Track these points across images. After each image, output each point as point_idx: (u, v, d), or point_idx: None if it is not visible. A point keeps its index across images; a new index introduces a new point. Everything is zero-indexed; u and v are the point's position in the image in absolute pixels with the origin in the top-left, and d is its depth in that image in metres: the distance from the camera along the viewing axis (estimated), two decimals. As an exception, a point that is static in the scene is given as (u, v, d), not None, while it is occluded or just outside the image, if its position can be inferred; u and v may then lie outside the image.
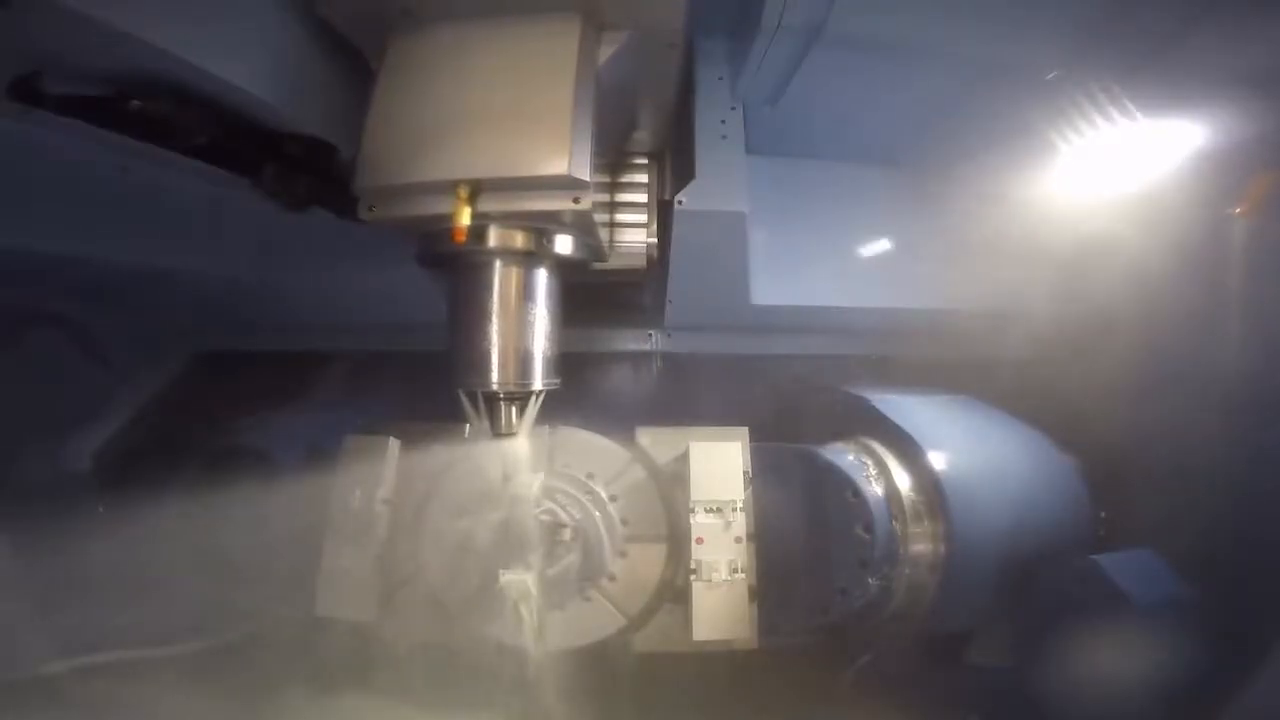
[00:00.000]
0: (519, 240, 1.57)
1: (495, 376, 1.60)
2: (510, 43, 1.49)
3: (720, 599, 1.84)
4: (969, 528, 1.77)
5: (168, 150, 1.55)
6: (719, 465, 1.98)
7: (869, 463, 1.94)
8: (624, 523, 2.01)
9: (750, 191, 2.09)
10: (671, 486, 2.03)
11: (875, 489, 1.88)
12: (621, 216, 2.16)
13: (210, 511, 2.17)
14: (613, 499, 2.03)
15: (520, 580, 1.72)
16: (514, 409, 1.68)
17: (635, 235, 2.15)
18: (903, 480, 1.88)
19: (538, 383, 1.65)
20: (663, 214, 2.13)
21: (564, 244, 1.64)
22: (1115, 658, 1.61)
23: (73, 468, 2.40)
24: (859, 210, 2.49)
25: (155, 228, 2.05)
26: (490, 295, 1.60)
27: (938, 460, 1.84)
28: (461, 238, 1.41)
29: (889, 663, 1.96)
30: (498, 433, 1.69)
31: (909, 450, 1.90)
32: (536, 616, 1.74)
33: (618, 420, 2.19)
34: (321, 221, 1.85)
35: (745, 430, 2.07)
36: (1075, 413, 2.10)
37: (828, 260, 2.42)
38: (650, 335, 2.57)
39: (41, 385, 2.35)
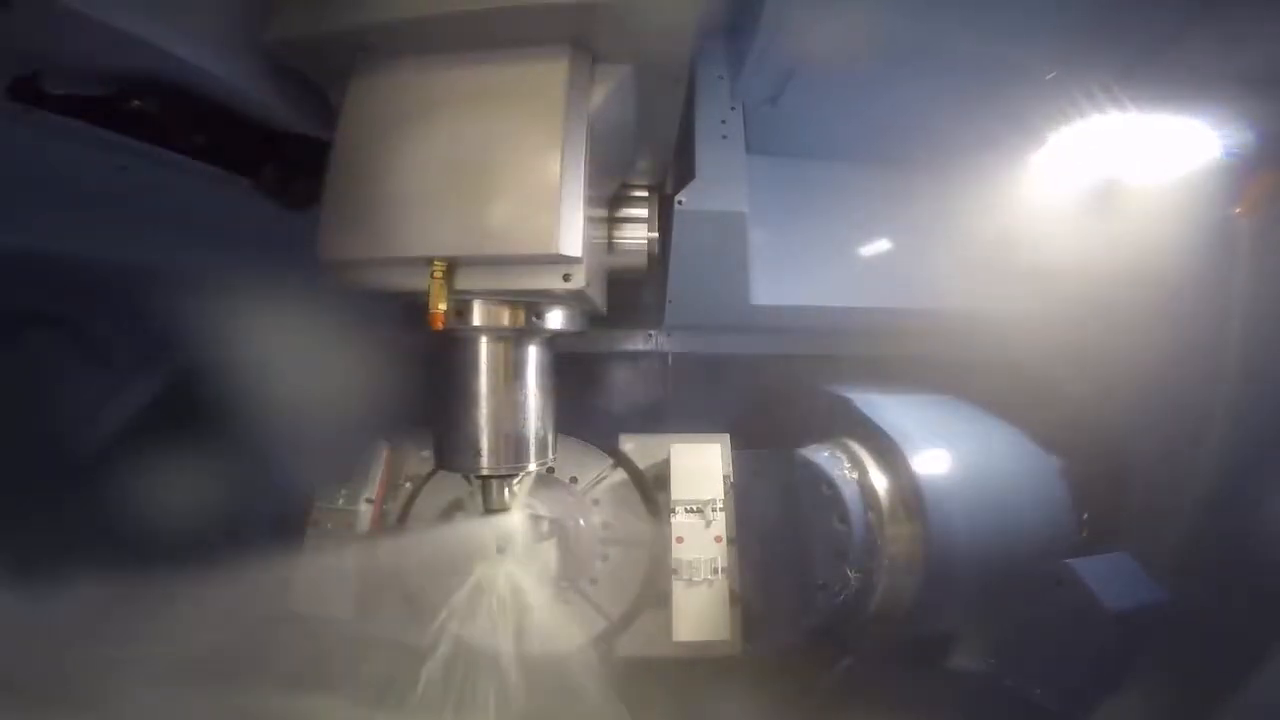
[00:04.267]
0: (505, 318, 1.43)
1: (485, 461, 1.51)
2: (487, 84, 1.28)
3: (701, 599, 1.84)
4: (948, 529, 1.76)
5: (168, 150, 1.55)
6: (699, 466, 2.00)
7: (844, 457, 1.95)
8: (605, 526, 2.02)
9: (750, 191, 2.09)
10: (654, 491, 2.06)
11: (850, 479, 1.89)
12: (621, 212, 2.16)
13: (210, 510, 2.17)
14: (595, 503, 2.05)
15: (499, 571, 1.72)
16: (506, 487, 1.63)
17: (636, 232, 2.15)
18: (880, 480, 1.88)
19: (530, 465, 1.57)
20: (663, 210, 2.14)
21: (556, 319, 1.51)
22: (1089, 661, 1.62)
23: (72, 468, 2.40)
24: (859, 210, 2.48)
25: (155, 228, 2.05)
26: (477, 376, 1.48)
27: (916, 461, 1.83)
28: (439, 324, 1.26)
29: (871, 667, 1.95)
30: (489, 509, 1.63)
31: (888, 451, 1.90)
32: (513, 608, 1.73)
33: (615, 420, 2.19)
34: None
35: (726, 436, 2.10)
36: (1068, 413, 2.10)
37: (828, 260, 2.42)
38: (650, 335, 2.56)
39: (41, 385, 2.35)
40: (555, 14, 1.21)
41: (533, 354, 1.54)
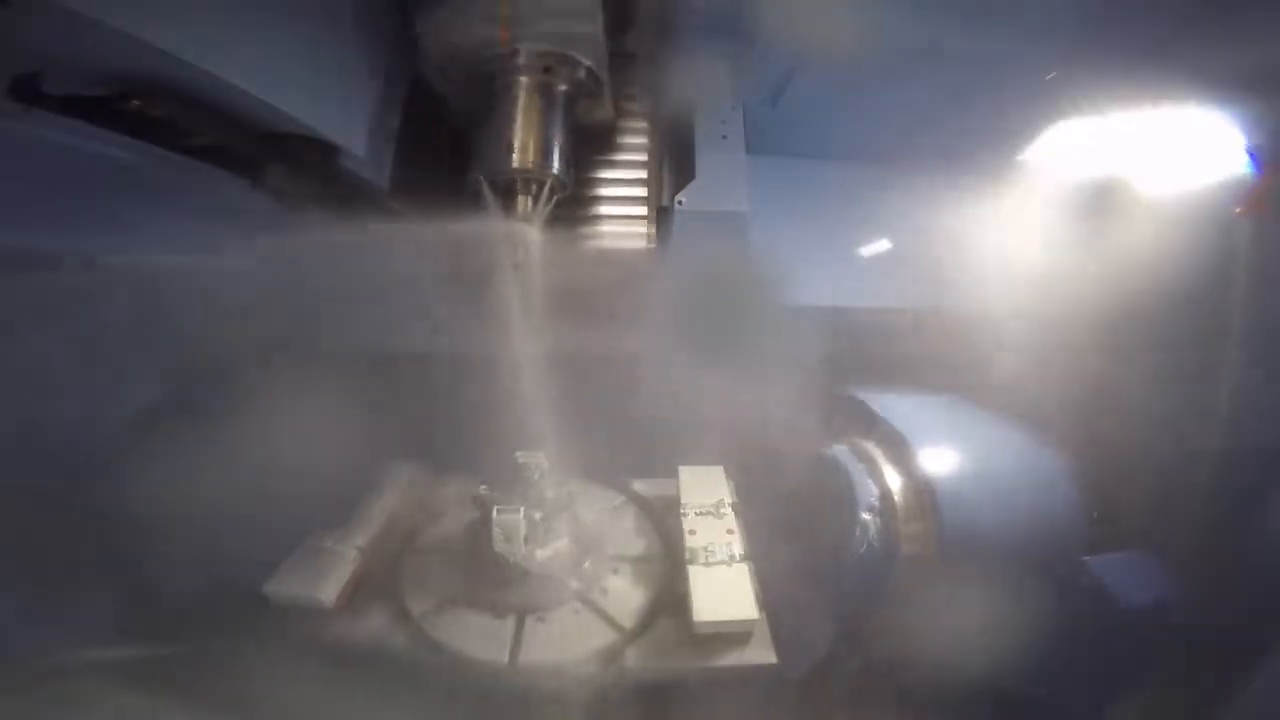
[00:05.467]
0: (541, 58, 1.80)
1: (515, 159, 1.77)
2: None
3: (721, 579, 1.74)
4: (961, 528, 1.76)
5: (168, 150, 1.55)
6: (706, 482, 2.07)
7: (856, 457, 1.97)
8: (618, 543, 2.02)
9: (750, 191, 2.09)
10: (664, 517, 2.07)
11: (864, 477, 1.90)
12: (620, 226, 2.19)
13: (213, 511, 2.16)
14: (610, 524, 2.07)
15: (513, 517, 1.72)
16: (529, 200, 1.82)
17: (635, 243, 2.17)
18: (893, 480, 1.88)
19: (554, 168, 1.81)
20: (661, 220, 2.15)
21: (576, 67, 1.86)
22: (1104, 658, 1.61)
23: (72, 472, 2.39)
24: (859, 210, 2.48)
25: (156, 227, 2.05)
26: (515, 102, 1.81)
27: (929, 460, 1.84)
28: (505, 37, 1.68)
29: (887, 665, 1.95)
30: (513, 218, 1.80)
31: (901, 450, 1.90)
32: (519, 553, 1.73)
33: (616, 419, 2.18)
34: (321, 221, 1.85)
35: (721, 468, 2.14)
36: (1072, 413, 2.10)
37: (828, 260, 2.41)
38: (649, 335, 2.56)
39: (41, 386, 2.35)
40: None
41: (558, 94, 1.87)
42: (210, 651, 1.79)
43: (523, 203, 1.80)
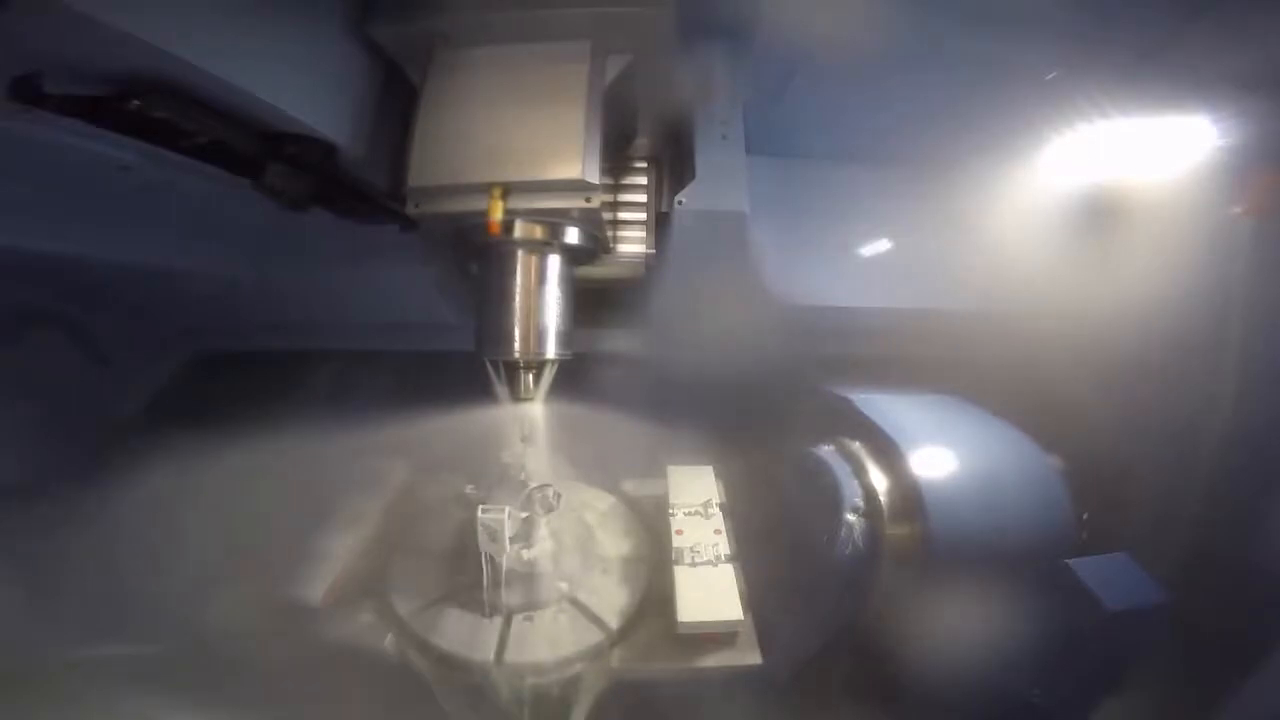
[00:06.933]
0: (538, 232, 1.80)
1: (517, 347, 1.81)
2: (533, 65, 1.74)
3: (706, 580, 1.77)
4: (948, 529, 1.76)
5: (168, 150, 1.55)
6: (694, 482, 2.10)
7: (844, 457, 1.98)
8: (606, 544, 2.03)
9: (750, 191, 2.09)
10: (653, 517, 2.08)
11: (850, 478, 1.92)
12: (623, 232, 2.20)
13: (209, 510, 2.16)
14: (599, 524, 2.09)
15: (497, 516, 1.70)
16: (531, 376, 1.87)
17: (634, 247, 2.19)
18: (880, 481, 1.89)
19: (551, 352, 1.85)
20: (660, 227, 2.16)
21: (573, 235, 1.87)
22: (1089, 661, 1.61)
23: (71, 467, 2.40)
24: (859, 210, 2.48)
25: (155, 228, 2.05)
26: (513, 279, 1.82)
27: (916, 461, 1.84)
28: (496, 230, 1.65)
29: (873, 667, 1.94)
30: (517, 398, 1.87)
31: (888, 451, 1.90)
32: (504, 553, 1.73)
33: (617, 417, 2.19)
34: (321, 221, 1.85)
35: (710, 467, 2.17)
36: (1068, 414, 2.10)
37: (828, 260, 2.42)
38: (650, 336, 2.57)
39: (41, 385, 2.35)
40: (581, 18, 1.74)
41: (555, 264, 1.88)
42: (200, 650, 1.79)
43: (525, 380, 1.86)
